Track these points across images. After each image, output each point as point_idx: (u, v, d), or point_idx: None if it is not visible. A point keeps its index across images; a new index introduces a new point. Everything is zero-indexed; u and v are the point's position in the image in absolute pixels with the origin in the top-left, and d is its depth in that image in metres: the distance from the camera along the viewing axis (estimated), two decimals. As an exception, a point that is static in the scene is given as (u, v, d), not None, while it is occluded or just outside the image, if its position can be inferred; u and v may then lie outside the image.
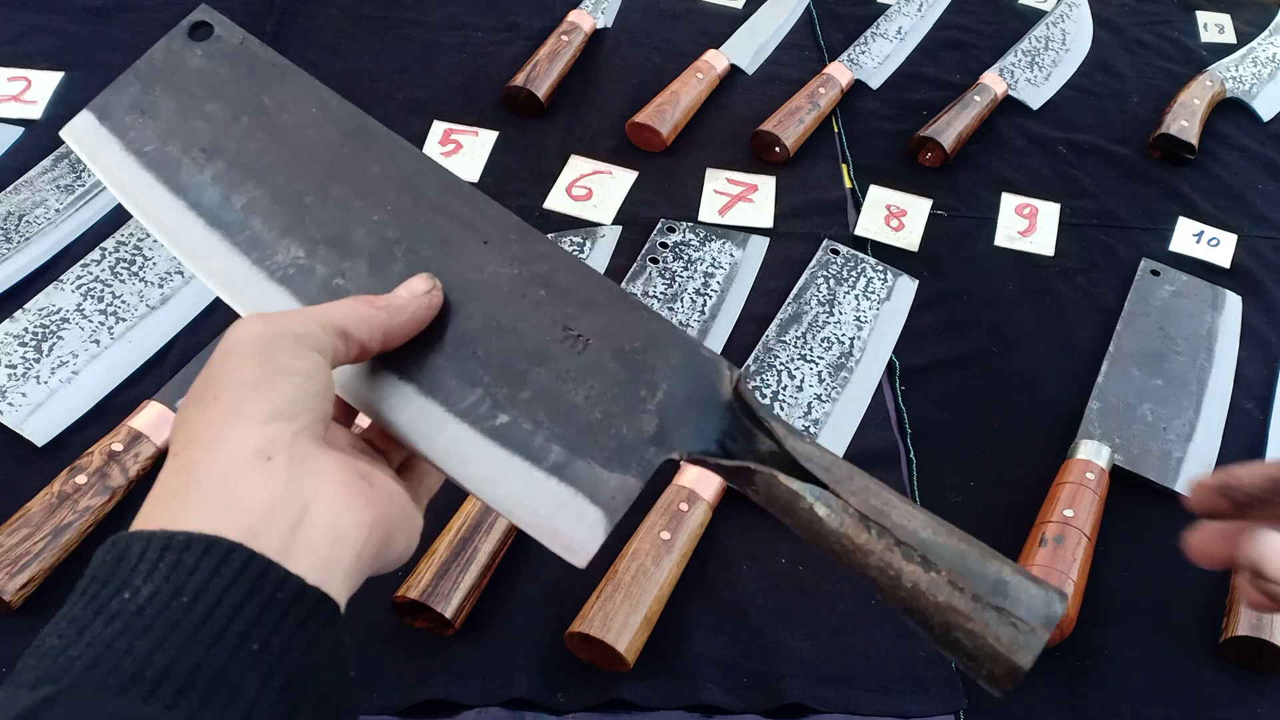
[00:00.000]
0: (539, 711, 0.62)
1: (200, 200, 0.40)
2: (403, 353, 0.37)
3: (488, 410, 0.37)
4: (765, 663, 0.65)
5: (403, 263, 0.39)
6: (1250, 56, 1.23)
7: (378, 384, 0.38)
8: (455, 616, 0.62)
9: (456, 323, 0.38)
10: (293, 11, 1.10)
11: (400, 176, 0.40)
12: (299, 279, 0.39)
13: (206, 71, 0.42)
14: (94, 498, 0.65)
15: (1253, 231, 1.02)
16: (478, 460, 0.37)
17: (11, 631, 0.62)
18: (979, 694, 0.65)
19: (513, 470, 0.37)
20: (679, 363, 0.38)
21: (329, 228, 0.40)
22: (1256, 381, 0.88)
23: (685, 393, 0.38)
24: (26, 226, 0.83)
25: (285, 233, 0.39)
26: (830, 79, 1.08)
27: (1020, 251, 0.97)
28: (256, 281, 0.39)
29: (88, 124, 0.44)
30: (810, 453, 0.37)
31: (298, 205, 0.40)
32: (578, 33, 1.09)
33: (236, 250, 0.40)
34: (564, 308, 0.39)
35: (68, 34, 1.03)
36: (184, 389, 0.72)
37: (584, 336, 0.38)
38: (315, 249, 0.39)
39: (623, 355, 0.38)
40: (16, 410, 0.71)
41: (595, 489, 0.37)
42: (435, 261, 0.39)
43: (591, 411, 0.37)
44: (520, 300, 0.39)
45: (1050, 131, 1.11)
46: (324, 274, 0.39)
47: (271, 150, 0.41)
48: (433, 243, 0.39)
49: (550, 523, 0.36)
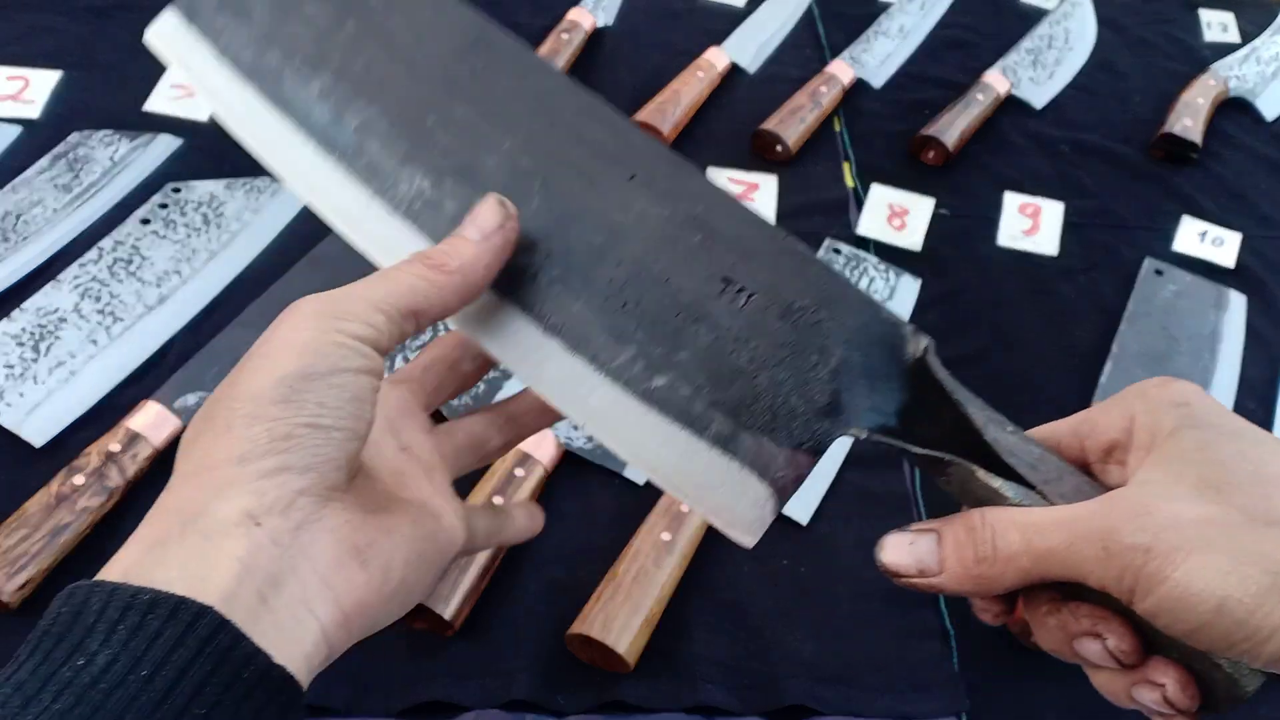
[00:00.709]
0: (539, 713, 0.62)
1: (309, 119, 0.35)
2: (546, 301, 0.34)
3: (642, 370, 0.33)
4: (766, 664, 0.65)
5: (540, 199, 0.34)
6: (1254, 55, 1.22)
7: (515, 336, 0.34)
8: (455, 617, 0.62)
9: (603, 269, 0.34)
10: (292, 10, 1.09)
11: (531, 95, 0.35)
12: (426, 215, 0.34)
13: None
14: (92, 498, 0.65)
15: (1256, 231, 1.02)
16: (632, 426, 0.33)
17: (10, 632, 0.61)
18: (981, 695, 0.65)
19: (671, 439, 0.33)
20: (856, 325, 0.34)
21: (455, 155, 0.35)
22: (1260, 381, 0.88)
23: (863, 360, 0.34)
24: (24, 226, 0.82)
25: (407, 160, 0.35)
26: (832, 78, 1.07)
27: (1023, 251, 0.97)
28: (380, 217, 0.35)
29: (174, 25, 0.38)
30: (1014, 445, 0.33)
31: (419, 128, 0.35)
32: (578, 31, 1.09)
33: (355, 179, 0.35)
34: (723, 256, 0.34)
35: (68, 34, 1.03)
36: (183, 389, 0.71)
37: (746, 290, 0.34)
38: (442, 180, 0.34)
39: (790, 313, 0.34)
40: (14, 410, 0.70)
41: (763, 464, 0.33)
42: (575, 197, 0.34)
43: (756, 377, 0.34)
44: (673, 246, 0.34)
45: (1053, 131, 1.10)
46: (454, 210, 0.34)
47: (384, 61, 0.35)
48: (572, 175, 0.34)
49: (713, 497, 0.33)
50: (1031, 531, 0.31)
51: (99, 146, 0.90)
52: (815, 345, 0.34)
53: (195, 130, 0.95)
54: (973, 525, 0.32)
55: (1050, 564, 0.31)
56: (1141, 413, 0.33)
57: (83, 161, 0.89)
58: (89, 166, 0.88)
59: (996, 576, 0.32)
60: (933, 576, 0.33)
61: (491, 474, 0.68)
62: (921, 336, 0.35)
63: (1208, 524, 0.29)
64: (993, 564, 0.31)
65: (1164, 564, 0.29)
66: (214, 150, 0.93)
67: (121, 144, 0.91)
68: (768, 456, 0.33)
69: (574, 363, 0.33)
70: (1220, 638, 0.28)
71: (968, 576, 0.32)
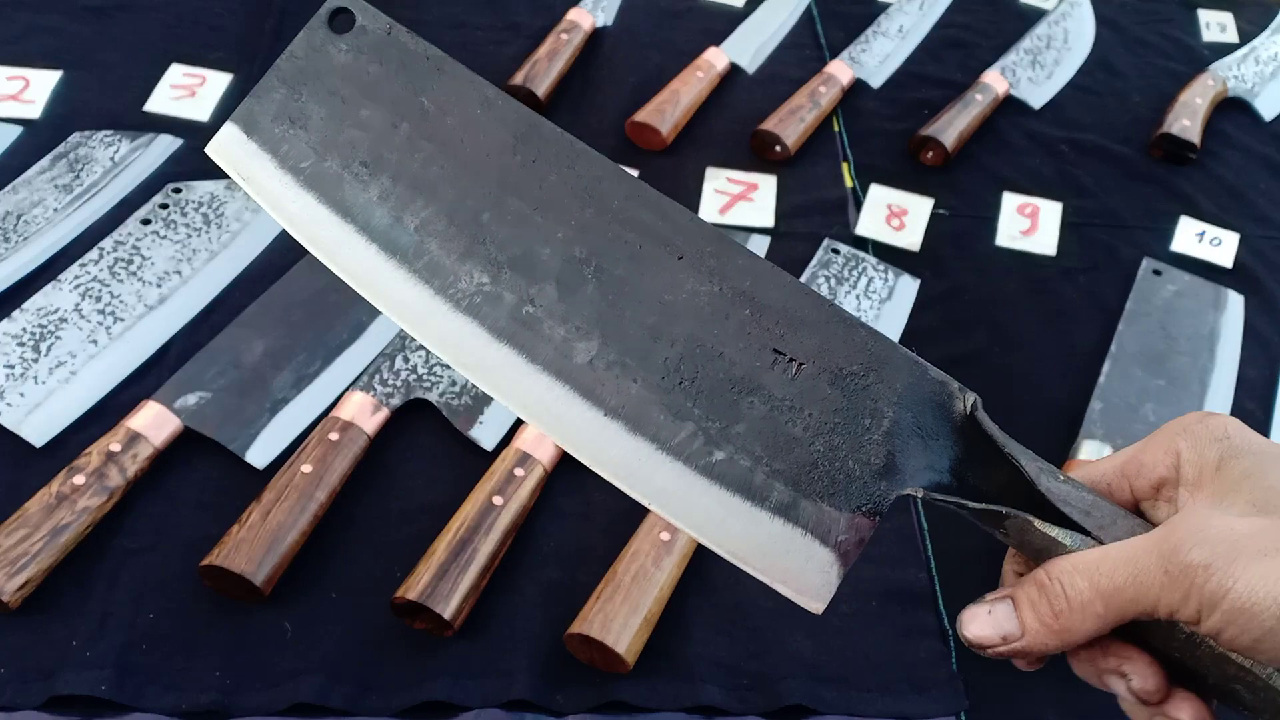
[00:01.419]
0: (538, 713, 0.62)
1: (370, 223, 0.37)
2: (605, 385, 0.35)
3: (701, 446, 0.35)
4: (766, 664, 0.65)
5: (594, 285, 0.36)
6: (1252, 55, 1.22)
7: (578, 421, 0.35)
8: (454, 617, 0.62)
9: (658, 349, 0.35)
10: (293, 11, 1.09)
11: (579, 185, 0.37)
12: (486, 308, 0.36)
13: (354, 69, 0.37)
14: (92, 498, 0.65)
15: (1255, 231, 1.02)
16: (696, 501, 0.35)
17: (10, 632, 0.61)
18: (980, 695, 0.65)
19: (734, 511, 0.35)
20: (905, 386, 0.35)
21: (511, 248, 0.36)
22: (1259, 381, 0.88)
23: (914, 420, 0.35)
24: (24, 226, 0.83)
25: (465, 256, 0.36)
26: (831, 78, 1.07)
27: (1022, 251, 0.97)
28: (441, 313, 0.36)
29: (234, 138, 0.39)
30: (1066, 493, 0.34)
31: (475, 223, 0.36)
32: (577, 31, 1.09)
33: (416, 278, 0.36)
34: (772, 328, 0.35)
35: (67, 34, 1.03)
36: (183, 389, 0.72)
37: (796, 360, 0.35)
38: (500, 273, 0.36)
39: (841, 379, 0.35)
40: (14, 410, 0.70)
41: (825, 530, 0.35)
42: (628, 281, 0.36)
43: (812, 444, 0.35)
44: (724, 321, 0.35)
45: (1052, 131, 1.10)
46: (512, 301, 0.36)
47: (438, 160, 0.37)
48: (624, 260, 0.36)
49: (779, 566, 0.35)
50: (1097, 574, 0.32)
51: (99, 147, 0.90)
52: (867, 409, 0.35)
53: (195, 130, 0.95)
54: (1042, 582, 0.33)
55: (1121, 602, 0.32)
56: (1186, 449, 0.35)
57: (83, 162, 0.89)
58: (89, 167, 0.88)
59: (1076, 627, 0.32)
60: (1016, 641, 0.33)
61: (491, 474, 0.68)
62: (969, 393, 0.36)
63: (1262, 535, 0.30)
64: (1070, 615, 0.32)
65: (1224, 577, 0.30)
66: (214, 150, 0.93)
67: (122, 144, 0.91)
68: (829, 522, 0.35)
69: (636, 444, 0.35)
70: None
71: (1050, 632, 0.33)
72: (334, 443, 0.69)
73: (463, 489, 0.68)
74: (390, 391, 0.74)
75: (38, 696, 0.59)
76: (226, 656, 0.62)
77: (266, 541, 0.63)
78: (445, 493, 0.70)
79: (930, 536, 0.73)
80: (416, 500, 0.70)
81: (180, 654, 0.62)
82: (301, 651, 0.63)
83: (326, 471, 0.67)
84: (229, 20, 1.07)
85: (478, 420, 0.74)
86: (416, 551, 0.65)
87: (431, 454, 0.73)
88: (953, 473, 0.35)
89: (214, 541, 0.64)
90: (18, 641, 0.61)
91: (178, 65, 1.01)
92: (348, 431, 0.70)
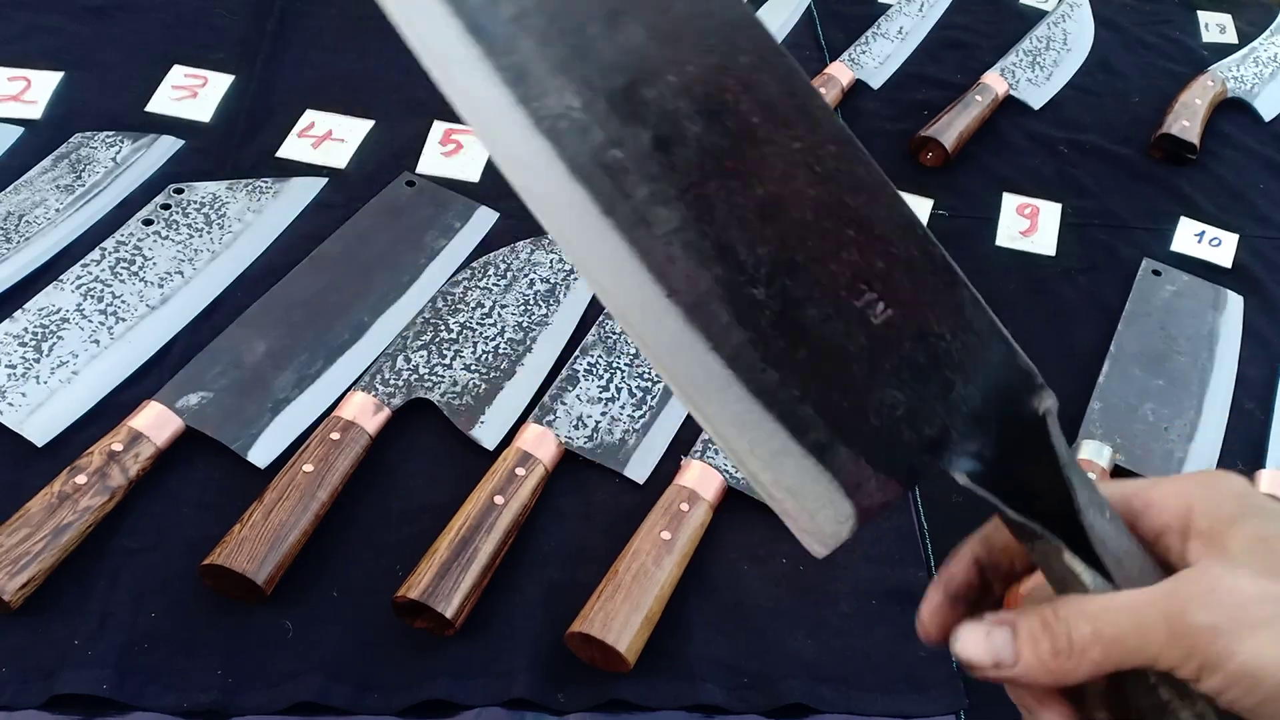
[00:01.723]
0: (539, 712, 0.62)
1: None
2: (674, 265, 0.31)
3: (756, 360, 0.31)
4: (766, 663, 0.65)
5: (694, 150, 0.30)
6: (1251, 56, 1.22)
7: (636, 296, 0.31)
8: (456, 616, 0.62)
9: (745, 239, 0.31)
10: (293, 12, 1.10)
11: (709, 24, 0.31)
12: (569, 137, 0.30)
13: None
14: (94, 498, 0.65)
15: (1254, 231, 1.02)
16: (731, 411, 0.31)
17: (11, 631, 0.61)
18: (980, 694, 0.65)
19: (769, 434, 0.32)
20: (986, 364, 0.32)
21: (614, 76, 0.30)
22: (1258, 381, 0.88)
23: (982, 402, 0.33)
24: (26, 226, 0.83)
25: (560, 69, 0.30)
26: (831, 79, 1.08)
27: (1021, 251, 0.97)
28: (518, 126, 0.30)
29: None
30: (1106, 534, 0.32)
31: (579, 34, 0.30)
32: (578, 32, 1.09)
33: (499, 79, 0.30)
34: (871, 259, 0.31)
35: (68, 34, 1.03)
36: (185, 389, 0.72)
37: (884, 301, 0.31)
38: (595, 102, 0.30)
39: (924, 338, 0.32)
40: (16, 410, 0.70)
41: (854, 482, 0.32)
42: (732, 155, 0.31)
43: (870, 393, 0.32)
44: (822, 232, 0.31)
45: (1051, 131, 1.11)
46: (599, 140, 0.30)
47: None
48: (734, 131, 0.31)
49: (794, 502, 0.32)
50: (1100, 621, 0.32)
51: (101, 147, 0.90)
52: (939, 375, 0.32)
53: (197, 131, 0.95)
54: (1047, 620, 0.32)
55: (1121, 651, 0.31)
56: (1201, 500, 0.34)
57: (85, 162, 0.89)
58: (91, 167, 0.88)
59: (1072, 669, 0.32)
60: (1007, 669, 0.33)
61: (492, 474, 0.68)
62: (1049, 395, 0.34)
63: (1273, 601, 0.30)
64: (1068, 657, 0.32)
65: (1230, 641, 0.30)
66: (216, 151, 0.93)
67: (124, 145, 0.91)
68: (860, 476, 0.32)
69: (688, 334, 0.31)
70: None
71: (1044, 670, 0.32)
72: (335, 442, 0.69)
73: (464, 488, 0.68)
74: (392, 391, 0.74)
75: (38, 696, 0.59)
76: (227, 656, 0.62)
77: (268, 541, 0.63)
78: (446, 492, 0.70)
79: (930, 536, 0.73)
80: (418, 500, 0.70)
81: (181, 653, 0.62)
82: (302, 651, 0.63)
83: (328, 471, 0.67)
84: (229, 20, 1.08)
85: (479, 420, 0.74)
86: (418, 551, 0.65)
87: (433, 454, 0.73)
88: (1001, 468, 0.33)
89: (215, 541, 0.64)
90: (18, 641, 0.61)
91: (179, 66, 1.01)
92: (349, 431, 0.70)
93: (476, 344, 0.78)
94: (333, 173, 0.93)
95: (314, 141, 0.95)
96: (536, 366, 0.79)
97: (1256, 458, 0.82)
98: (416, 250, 0.85)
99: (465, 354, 0.78)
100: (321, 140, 0.96)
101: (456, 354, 0.77)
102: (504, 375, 0.77)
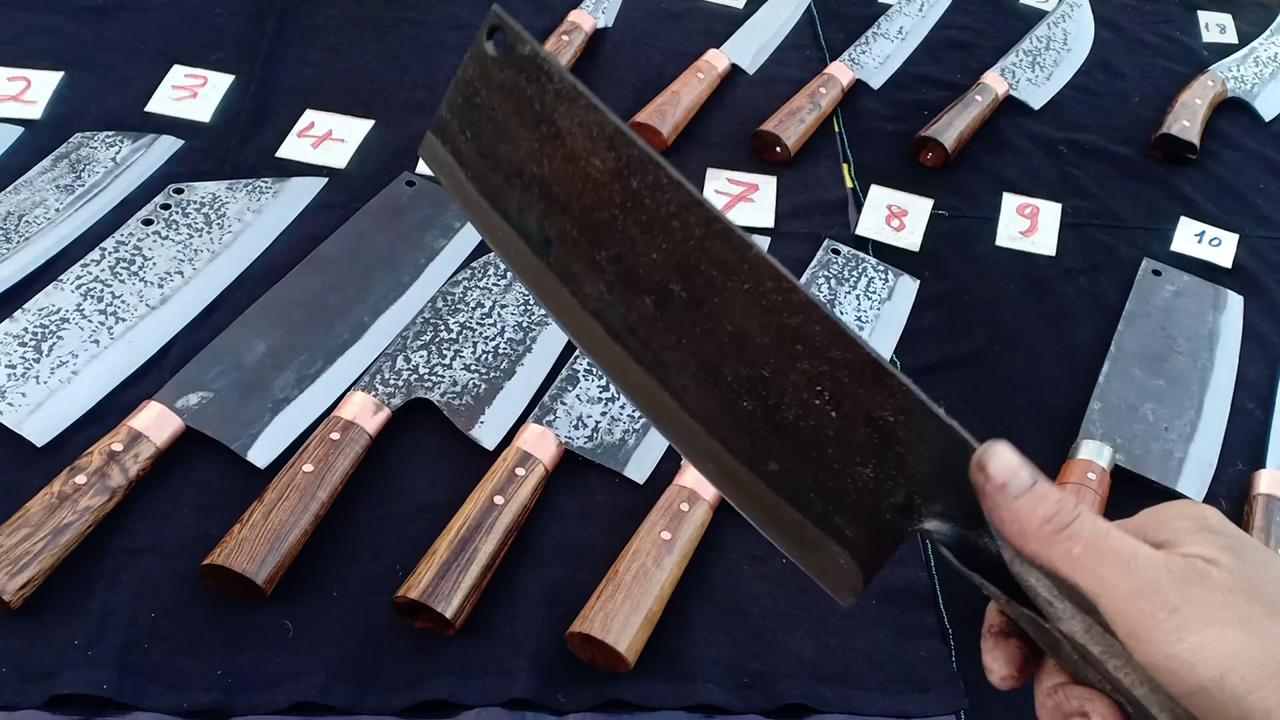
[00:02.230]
0: (539, 712, 0.62)
1: (524, 227, 0.43)
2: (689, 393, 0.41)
3: (760, 455, 0.40)
4: (766, 663, 0.65)
5: (677, 304, 0.40)
6: (1251, 56, 1.22)
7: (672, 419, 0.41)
8: (456, 617, 0.62)
9: (728, 367, 0.40)
10: (293, 11, 1.10)
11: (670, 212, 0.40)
12: (606, 313, 0.41)
13: (507, 86, 0.42)
14: (94, 498, 0.65)
15: (1254, 231, 1.02)
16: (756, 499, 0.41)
17: (11, 632, 0.61)
18: (980, 694, 0.65)
19: (783, 511, 0.40)
20: (929, 439, 0.38)
21: (621, 262, 0.41)
22: (1258, 381, 0.88)
23: (933, 471, 0.38)
24: (26, 226, 0.83)
25: (591, 266, 0.41)
26: (831, 79, 1.08)
27: (1022, 251, 0.97)
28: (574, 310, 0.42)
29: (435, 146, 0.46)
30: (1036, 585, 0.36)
31: (596, 237, 0.41)
32: (578, 33, 1.09)
33: (557, 280, 0.42)
34: (818, 365, 0.39)
35: (67, 34, 1.03)
36: (185, 389, 0.72)
37: (836, 398, 0.39)
38: (614, 284, 0.41)
39: (873, 421, 0.38)
40: (16, 410, 0.70)
41: (851, 543, 0.40)
42: (704, 305, 0.40)
43: (846, 470, 0.39)
44: (779, 353, 0.39)
45: (1051, 131, 1.11)
46: (621, 312, 0.41)
47: (571, 178, 0.41)
48: (701, 286, 0.40)
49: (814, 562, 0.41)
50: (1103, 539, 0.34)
51: (101, 147, 0.90)
52: (892, 453, 0.38)
53: (197, 131, 0.95)
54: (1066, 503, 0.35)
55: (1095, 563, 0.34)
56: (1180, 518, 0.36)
57: (85, 162, 0.89)
58: (91, 167, 0.88)
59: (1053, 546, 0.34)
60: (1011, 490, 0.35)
61: (492, 474, 0.68)
62: None
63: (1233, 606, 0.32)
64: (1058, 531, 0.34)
65: (1182, 625, 0.32)
66: (216, 151, 0.93)
67: (123, 145, 0.91)
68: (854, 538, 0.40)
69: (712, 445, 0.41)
70: (1214, 707, 0.31)
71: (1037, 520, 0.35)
72: (335, 442, 0.69)
73: (464, 488, 0.68)
74: (391, 391, 0.74)
75: (38, 696, 0.59)
76: (227, 656, 0.62)
77: (268, 541, 0.63)
78: (446, 492, 0.70)
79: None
80: (418, 500, 0.70)
81: (181, 653, 0.62)
82: (303, 651, 0.63)
83: (328, 471, 0.67)
84: (229, 20, 1.08)
85: (479, 420, 0.74)
86: (418, 551, 0.65)
87: (433, 454, 0.73)
88: (961, 525, 0.38)
89: (215, 541, 0.64)
90: (18, 641, 0.61)
91: (179, 66, 1.01)
92: (349, 431, 0.70)
93: (476, 344, 0.78)
94: (333, 173, 0.93)
95: (314, 141, 0.95)
96: (536, 366, 0.79)
97: (1256, 458, 0.82)
98: (416, 250, 0.85)
99: (465, 354, 0.78)
100: (321, 140, 0.96)
101: (456, 354, 0.78)
102: (504, 375, 0.77)
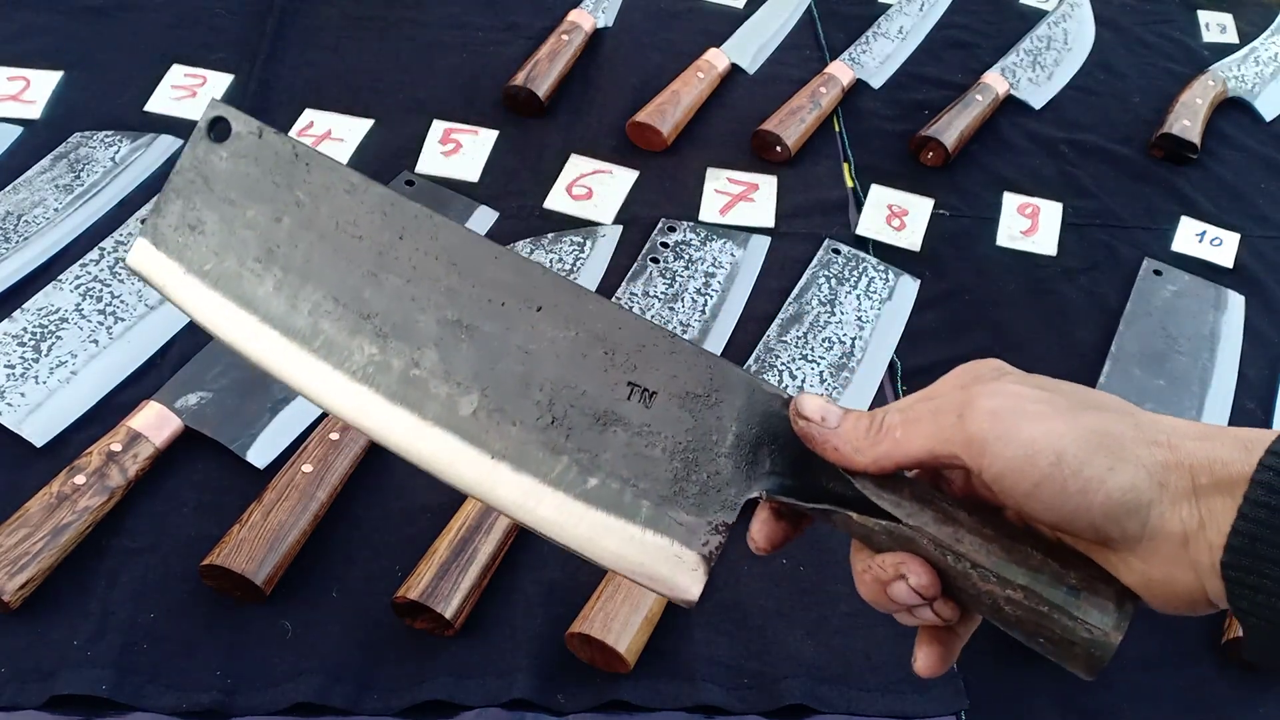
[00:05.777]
0: (539, 712, 0.62)
1: (270, 312, 0.41)
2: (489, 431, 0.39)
3: (577, 476, 0.39)
4: (766, 663, 0.65)
5: (468, 342, 0.40)
6: (1252, 56, 1.22)
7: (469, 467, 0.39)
8: (455, 617, 0.62)
9: (529, 393, 0.40)
10: (293, 11, 1.10)
11: (443, 252, 0.41)
12: (378, 376, 0.40)
13: (236, 174, 0.42)
14: (93, 498, 0.65)
15: (1255, 231, 1.02)
16: (578, 525, 0.39)
17: (10, 632, 0.61)
18: (980, 694, 0.65)
19: (611, 529, 0.39)
20: (743, 403, 0.40)
21: (392, 319, 0.40)
22: (1259, 381, 0.88)
23: (754, 431, 0.40)
24: (25, 226, 0.83)
25: (354, 332, 0.41)
26: (831, 78, 1.08)
27: (1022, 251, 0.97)
28: (340, 385, 0.40)
29: (146, 251, 0.44)
30: (882, 494, 0.38)
31: (358, 301, 0.41)
32: (578, 32, 1.09)
33: (316, 357, 0.41)
34: (625, 363, 0.40)
35: (67, 34, 1.03)
36: (184, 389, 0.72)
37: (649, 390, 0.40)
38: (386, 343, 0.40)
39: (688, 402, 0.40)
40: (15, 410, 0.70)
41: (688, 536, 0.39)
42: (496, 336, 0.40)
43: (671, 462, 0.39)
44: (583, 362, 0.40)
45: (1052, 131, 1.10)
46: (400, 367, 0.40)
47: (319, 247, 0.41)
48: (490, 317, 0.40)
49: (654, 572, 0.39)
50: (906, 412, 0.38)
51: (100, 147, 0.90)
52: (713, 426, 0.40)
53: (196, 131, 0.95)
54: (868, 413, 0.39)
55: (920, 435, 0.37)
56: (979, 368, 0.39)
57: (84, 162, 0.89)
58: (90, 167, 0.88)
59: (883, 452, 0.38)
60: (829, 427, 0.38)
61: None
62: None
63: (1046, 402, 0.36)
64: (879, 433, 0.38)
65: (1009, 427, 0.35)
66: (214, 151, 0.93)
67: (122, 144, 0.91)
68: (691, 529, 0.39)
69: (521, 480, 0.39)
70: (1058, 490, 0.34)
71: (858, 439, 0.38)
72: (335, 442, 0.69)
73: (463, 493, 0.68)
74: (391, 391, 0.74)
75: (38, 696, 0.59)
76: (227, 656, 0.62)
77: (267, 541, 0.63)
78: (446, 492, 0.69)
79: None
80: (417, 500, 0.70)
81: (180, 654, 0.62)
82: (302, 651, 0.63)
83: (327, 471, 0.67)
84: (229, 20, 1.08)
85: (478, 420, 0.74)
86: (417, 551, 0.65)
87: (432, 454, 0.73)
88: (794, 475, 0.40)
89: (214, 541, 0.64)
90: (18, 641, 0.61)
91: (178, 65, 1.01)
92: (348, 431, 0.70)
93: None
94: (332, 172, 0.93)
95: (313, 141, 0.95)
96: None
97: (1257, 458, 0.82)
98: (416, 250, 0.85)
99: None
100: (321, 140, 0.96)
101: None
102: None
